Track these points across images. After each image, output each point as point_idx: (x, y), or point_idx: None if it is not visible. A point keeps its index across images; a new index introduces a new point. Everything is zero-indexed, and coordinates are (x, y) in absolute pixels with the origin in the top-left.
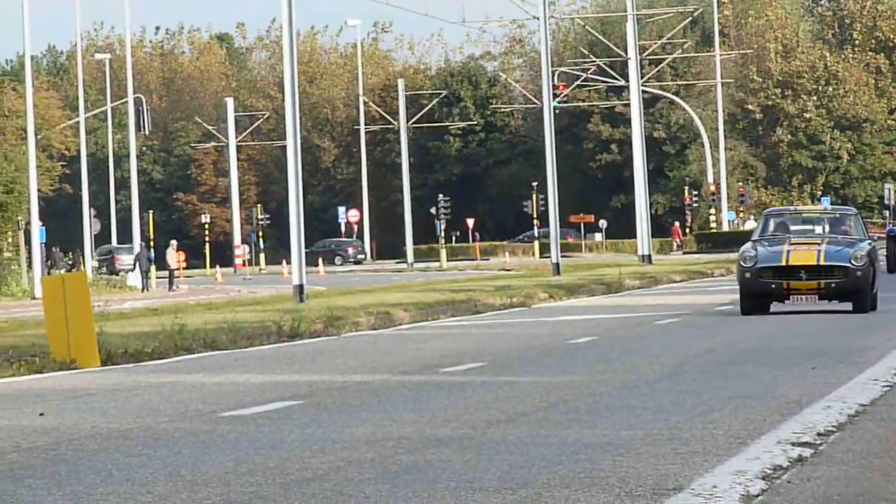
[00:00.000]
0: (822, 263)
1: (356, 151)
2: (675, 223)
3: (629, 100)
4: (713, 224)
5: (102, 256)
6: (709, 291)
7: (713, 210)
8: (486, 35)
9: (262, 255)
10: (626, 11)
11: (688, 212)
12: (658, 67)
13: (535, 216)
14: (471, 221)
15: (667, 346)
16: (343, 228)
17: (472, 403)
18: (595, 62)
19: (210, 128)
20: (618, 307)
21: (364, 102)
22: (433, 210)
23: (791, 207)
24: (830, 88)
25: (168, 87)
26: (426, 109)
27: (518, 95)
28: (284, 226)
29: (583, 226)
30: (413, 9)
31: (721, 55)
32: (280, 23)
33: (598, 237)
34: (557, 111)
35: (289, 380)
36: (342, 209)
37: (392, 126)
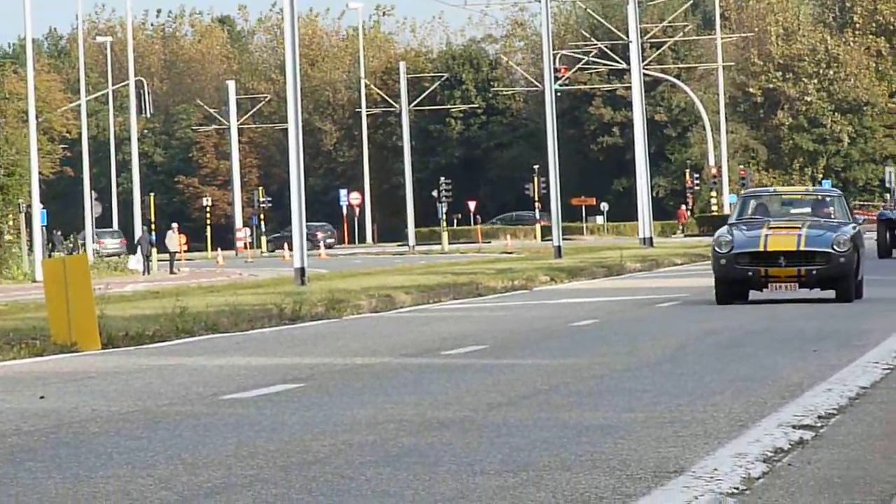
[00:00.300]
0: (803, 249)
1: (357, 134)
2: (682, 206)
3: (630, 83)
4: (714, 207)
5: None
6: (710, 274)
7: (714, 193)
8: (488, 18)
9: (264, 239)
10: None
11: (689, 195)
12: (659, 50)
13: (537, 199)
14: (472, 204)
15: (668, 329)
16: (344, 211)
17: (474, 386)
18: (596, 45)
19: (211, 110)
20: (619, 290)
21: (366, 85)
22: (434, 193)
23: (770, 189)
24: (831, 71)
25: (169, 70)
26: (427, 92)
27: (519, 78)
28: (286, 209)
29: (584, 209)
30: None
31: (722, 38)
32: (281, 6)
33: (600, 220)
34: (559, 94)
35: (290, 363)
36: (343, 192)
37: (393, 109)
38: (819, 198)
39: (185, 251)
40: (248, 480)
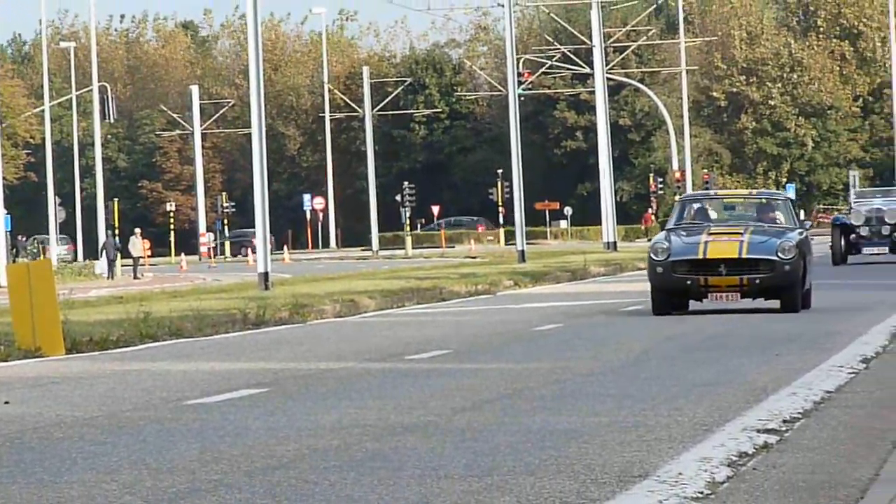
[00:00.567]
0: (745, 256)
1: (321, 139)
2: (648, 210)
3: (594, 87)
4: None
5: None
6: None
7: (678, 197)
8: (451, 22)
9: (227, 244)
10: None
11: (653, 199)
12: (623, 55)
13: (501, 203)
14: (436, 209)
15: (632, 334)
16: (308, 216)
17: (438, 391)
18: (560, 49)
19: (175, 116)
20: (583, 294)
21: (329, 90)
22: (398, 198)
23: (711, 192)
24: (795, 75)
25: (133, 76)
26: (391, 97)
27: (483, 83)
28: (250, 214)
29: (548, 213)
30: None
31: (686, 42)
32: (244, 11)
33: (564, 224)
34: (522, 98)
35: (254, 367)
36: (307, 197)
37: (357, 114)
38: (764, 201)
39: (149, 256)
40: (213, 485)
